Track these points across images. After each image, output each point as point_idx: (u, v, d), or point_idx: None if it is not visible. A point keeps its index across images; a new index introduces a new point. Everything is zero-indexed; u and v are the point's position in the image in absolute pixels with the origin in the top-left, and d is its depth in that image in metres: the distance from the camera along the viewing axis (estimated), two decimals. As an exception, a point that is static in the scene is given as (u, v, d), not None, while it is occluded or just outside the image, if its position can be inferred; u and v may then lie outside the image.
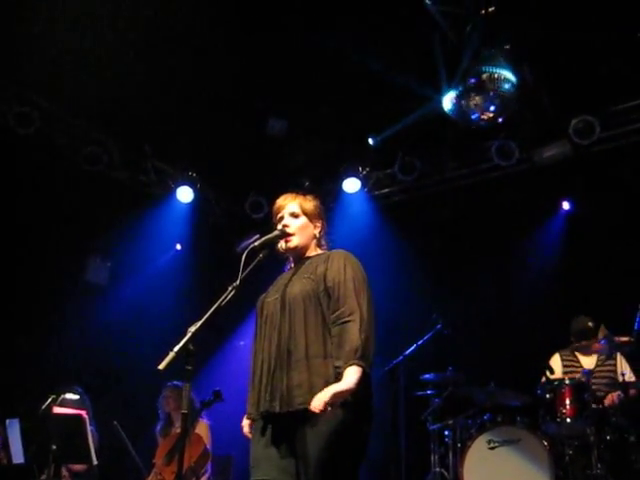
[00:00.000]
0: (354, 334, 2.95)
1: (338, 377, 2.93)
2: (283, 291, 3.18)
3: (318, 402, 2.85)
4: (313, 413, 2.88)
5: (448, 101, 5.88)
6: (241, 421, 3.30)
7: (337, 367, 2.94)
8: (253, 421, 3.18)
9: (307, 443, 2.92)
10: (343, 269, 3.13)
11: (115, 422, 5.62)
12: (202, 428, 5.72)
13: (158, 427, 5.95)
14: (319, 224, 3.38)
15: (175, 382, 5.77)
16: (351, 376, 2.88)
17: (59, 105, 6.71)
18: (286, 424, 3.00)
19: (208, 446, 5.61)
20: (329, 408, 2.84)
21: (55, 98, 6.59)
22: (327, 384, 2.92)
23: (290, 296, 3.13)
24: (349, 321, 2.99)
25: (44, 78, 6.22)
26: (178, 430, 5.33)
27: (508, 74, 5.73)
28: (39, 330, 6.65)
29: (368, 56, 5.88)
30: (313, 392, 2.92)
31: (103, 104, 6.47)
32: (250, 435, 3.21)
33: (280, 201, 3.41)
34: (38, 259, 6.81)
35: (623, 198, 6.57)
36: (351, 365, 2.89)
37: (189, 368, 2.81)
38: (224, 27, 5.92)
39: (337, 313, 3.04)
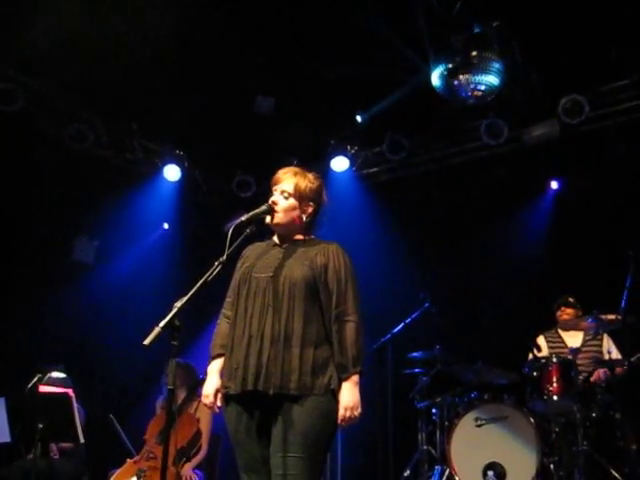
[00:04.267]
0: (354, 336, 3.08)
1: (339, 373, 3.07)
2: (279, 271, 3.14)
3: (346, 422, 3.03)
4: (301, 398, 2.98)
5: (436, 77, 5.86)
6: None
7: (341, 365, 3.06)
8: (227, 395, 3.12)
9: (292, 425, 2.96)
10: (344, 267, 3.19)
11: (111, 415, 5.61)
12: (204, 409, 5.62)
13: (159, 399, 5.84)
14: (309, 210, 3.29)
15: (179, 359, 5.67)
16: (355, 387, 3.06)
17: (44, 83, 6.63)
18: (270, 404, 3.01)
19: (208, 427, 5.55)
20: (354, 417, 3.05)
21: (40, 75, 6.51)
22: (313, 372, 3.02)
23: (291, 280, 3.11)
24: (350, 321, 3.10)
25: (28, 55, 6.14)
26: (176, 405, 5.25)
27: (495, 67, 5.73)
28: (26, 309, 6.61)
29: (356, 32, 5.85)
30: (302, 380, 2.99)
31: (89, 82, 6.40)
32: (213, 405, 3.17)
33: (279, 174, 3.33)
34: (24, 239, 6.76)
35: (611, 178, 6.57)
36: (355, 374, 3.06)
37: (175, 343, 2.80)
38: (212, 5, 5.86)
39: (339, 309, 3.11)
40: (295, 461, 2.92)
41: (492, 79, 5.96)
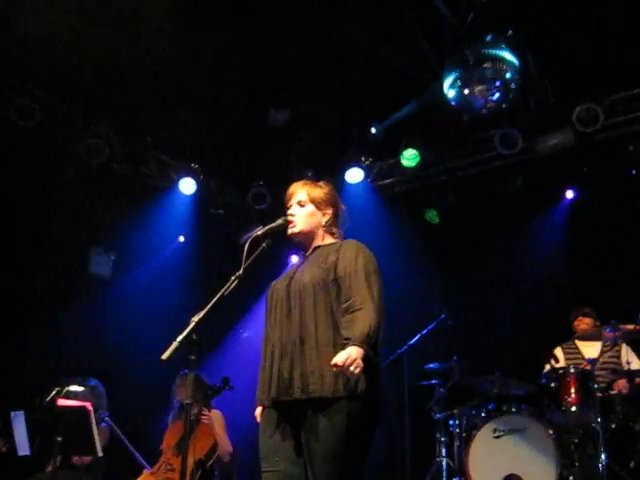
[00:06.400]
0: (364, 320, 2.96)
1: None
2: (293, 278, 3.19)
3: (337, 362, 2.85)
4: (326, 403, 2.93)
5: (450, 88, 5.86)
6: (254, 411, 3.30)
7: (346, 338, 2.95)
8: (263, 407, 3.18)
9: (319, 433, 2.93)
10: (354, 259, 3.14)
11: (111, 423, 5.62)
12: (217, 418, 5.61)
13: (170, 416, 5.86)
14: (329, 212, 3.36)
15: (186, 371, 5.66)
16: (356, 353, 2.88)
17: (60, 98, 6.68)
18: (297, 413, 3.01)
19: (223, 432, 5.54)
20: (351, 369, 2.84)
21: (56, 91, 6.56)
22: (336, 373, 2.94)
23: (300, 284, 3.13)
24: (360, 309, 3.01)
25: (45, 71, 6.20)
26: (191, 418, 5.22)
27: (510, 57, 5.72)
28: (44, 323, 6.65)
29: (370, 44, 5.87)
30: (324, 381, 2.95)
31: (104, 96, 6.46)
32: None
33: (290, 189, 3.42)
34: (42, 252, 6.81)
35: (626, 186, 6.54)
36: (360, 347, 2.89)
37: (193, 358, 2.81)
38: (225, 18, 5.90)
39: (349, 303, 3.06)
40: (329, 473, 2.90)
41: (506, 87, 5.93)
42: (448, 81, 5.94)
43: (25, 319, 6.59)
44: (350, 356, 2.85)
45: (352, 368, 2.84)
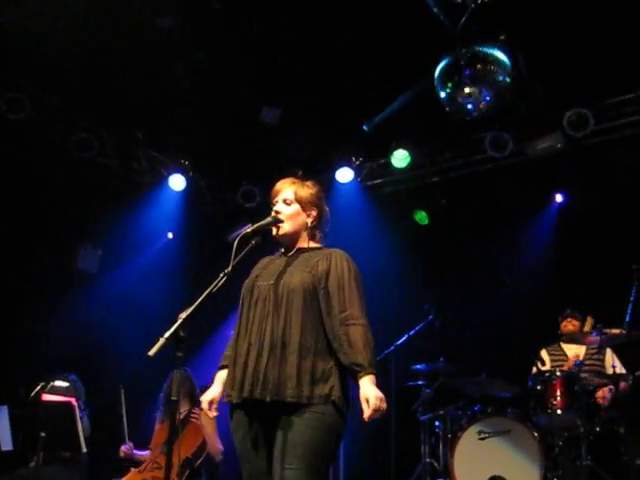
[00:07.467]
0: (366, 339, 3.04)
1: (354, 372, 3.02)
2: (280, 278, 3.16)
3: (372, 412, 2.93)
4: (300, 407, 2.96)
5: (441, 90, 5.86)
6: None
7: (356, 364, 3.01)
8: (230, 404, 3.14)
9: (291, 435, 2.94)
10: (347, 271, 3.17)
11: (121, 386, 5.59)
12: (208, 418, 5.56)
13: (158, 413, 5.82)
14: (313, 213, 3.33)
15: (185, 369, 5.62)
16: (374, 384, 2.98)
17: (50, 91, 6.65)
18: (269, 413, 3.01)
19: (213, 433, 5.50)
20: (382, 407, 2.96)
21: (46, 84, 6.53)
22: (312, 381, 2.99)
23: (289, 286, 3.11)
24: (358, 324, 3.07)
25: (35, 64, 6.16)
26: (181, 416, 5.20)
27: (502, 58, 5.73)
28: (29, 317, 6.61)
29: (362, 44, 5.88)
30: (301, 389, 2.97)
31: (95, 90, 6.43)
32: (210, 411, 3.19)
33: (277, 185, 3.40)
34: (28, 246, 6.77)
35: (616, 191, 6.57)
36: (372, 374, 3.00)
37: (179, 355, 2.80)
38: (217, 17, 5.88)
39: (345, 314, 3.08)
40: (295, 473, 2.90)
41: (498, 90, 5.94)
42: (439, 81, 5.94)
43: (10, 313, 6.54)
44: (377, 397, 2.93)
45: (383, 406, 2.95)
